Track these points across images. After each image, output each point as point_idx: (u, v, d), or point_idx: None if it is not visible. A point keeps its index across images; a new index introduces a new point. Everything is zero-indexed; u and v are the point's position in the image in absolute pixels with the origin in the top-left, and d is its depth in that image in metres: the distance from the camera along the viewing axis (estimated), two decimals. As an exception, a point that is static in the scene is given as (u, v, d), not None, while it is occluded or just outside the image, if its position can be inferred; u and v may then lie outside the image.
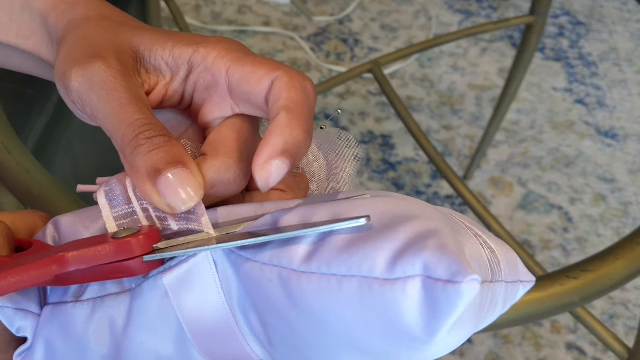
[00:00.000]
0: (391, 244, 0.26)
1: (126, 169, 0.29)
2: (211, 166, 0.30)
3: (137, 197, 0.30)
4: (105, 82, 0.29)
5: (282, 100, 0.29)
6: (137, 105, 0.29)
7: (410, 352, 0.26)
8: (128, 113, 0.29)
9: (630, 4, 1.90)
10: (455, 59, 1.73)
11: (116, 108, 0.29)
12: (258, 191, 0.32)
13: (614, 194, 1.47)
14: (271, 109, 0.29)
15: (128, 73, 0.30)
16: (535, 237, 1.39)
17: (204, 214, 0.29)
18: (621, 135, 1.59)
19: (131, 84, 0.30)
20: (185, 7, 1.81)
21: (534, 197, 1.46)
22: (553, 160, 1.53)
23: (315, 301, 0.26)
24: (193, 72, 0.32)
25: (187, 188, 0.28)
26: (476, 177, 1.48)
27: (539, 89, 1.68)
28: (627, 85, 1.70)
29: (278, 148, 0.28)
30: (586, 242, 1.38)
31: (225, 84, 0.31)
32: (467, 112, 1.61)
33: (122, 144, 0.29)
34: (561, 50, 1.78)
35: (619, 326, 1.26)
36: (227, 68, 0.31)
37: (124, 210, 0.30)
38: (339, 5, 1.86)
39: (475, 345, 1.23)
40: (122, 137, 0.29)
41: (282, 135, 0.28)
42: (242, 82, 0.31)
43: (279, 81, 0.30)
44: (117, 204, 0.30)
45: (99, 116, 0.29)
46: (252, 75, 0.30)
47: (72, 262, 0.28)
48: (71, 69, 0.30)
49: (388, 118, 1.58)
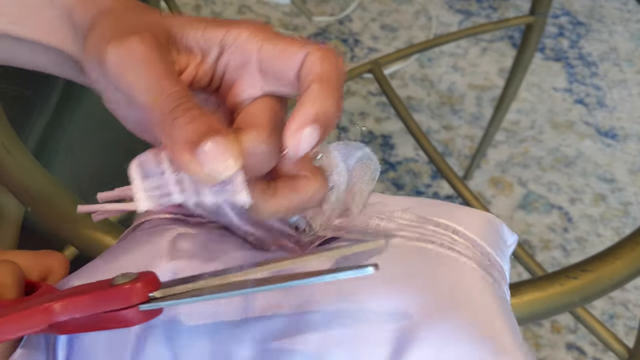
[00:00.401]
0: None
1: (164, 140, 0.29)
2: (247, 137, 0.30)
3: (172, 169, 0.29)
4: (142, 55, 0.29)
5: (314, 73, 0.30)
6: (174, 78, 0.29)
7: None
8: (165, 85, 0.29)
9: (630, 4, 1.90)
10: (455, 59, 1.73)
11: (153, 80, 0.29)
12: (283, 180, 0.32)
13: (614, 194, 1.47)
14: (303, 82, 0.30)
15: (163, 50, 0.31)
16: (535, 237, 1.39)
17: (242, 184, 0.29)
18: (621, 135, 1.59)
19: (166, 59, 0.30)
20: (185, 7, 1.81)
21: (534, 197, 1.46)
22: (553, 160, 1.53)
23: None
24: (225, 53, 0.32)
25: (225, 157, 0.28)
26: (476, 177, 1.48)
27: (539, 89, 1.68)
28: (627, 85, 1.70)
29: (310, 116, 0.29)
30: (586, 242, 1.38)
31: (257, 63, 0.32)
32: (467, 112, 1.61)
33: (160, 116, 0.29)
34: (561, 50, 1.78)
35: (619, 326, 1.26)
36: (260, 46, 0.32)
37: (156, 182, 0.29)
38: (339, 5, 1.86)
39: (475, 345, 1.23)
40: (160, 109, 0.29)
41: (313, 105, 0.29)
42: (274, 59, 0.31)
43: (311, 56, 0.30)
44: (150, 175, 0.29)
45: (135, 89, 0.29)
46: (285, 52, 0.31)
47: (60, 312, 0.27)
48: (107, 44, 0.30)
49: (388, 118, 1.58)
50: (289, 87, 0.32)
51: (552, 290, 0.49)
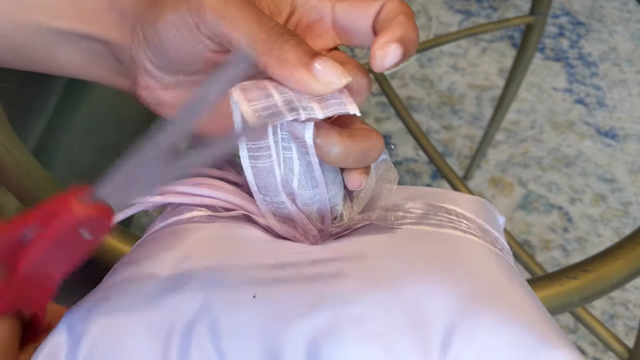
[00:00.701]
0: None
1: (274, 65, 0.30)
2: (348, 64, 0.32)
3: (279, 90, 0.31)
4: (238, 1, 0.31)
5: (396, 13, 0.32)
6: (269, 16, 0.31)
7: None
8: (267, 19, 0.31)
9: (630, 4, 1.90)
10: (455, 59, 1.73)
11: (255, 16, 0.31)
12: (355, 129, 0.33)
13: (614, 194, 1.47)
14: (382, 22, 0.32)
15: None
16: (535, 237, 1.39)
17: (348, 97, 0.31)
18: (621, 135, 1.59)
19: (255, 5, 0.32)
20: (185, 7, 1.81)
21: (534, 197, 1.46)
22: (553, 160, 1.53)
23: None
24: (296, 12, 0.34)
25: (336, 70, 0.30)
26: (476, 177, 1.48)
27: (539, 89, 1.68)
28: (627, 85, 1.70)
29: (396, 35, 0.31)
30: (586, 242, 1.38)
31: (330, 19, 0.34)
32: (467, 112, 1.61)
33: (268, 44, 0.30)
34: (561, 50, 1.78)
35: (619, 326, 1.26)
36: (332, 4, 0.33)
37: (263, 104, 0.30)
38: (339, 5, 1.86)
39: (475, 345, 1.23)
40: (266, 38, 0.30)
41: (400, 27, 0.31)
42: (350, 11, 0.33)
43: (389, 3, 0.32)
44: (254, 98, 0.30)
45: (237, 25, 0.31)
46: (359, 7, 0.33)
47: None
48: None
49: (388, 118, 1.58)
50: (363, 39, 0.33)
51: (552, 290, 0.49)
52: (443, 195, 0.38)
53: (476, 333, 0.28)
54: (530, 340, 0.28)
